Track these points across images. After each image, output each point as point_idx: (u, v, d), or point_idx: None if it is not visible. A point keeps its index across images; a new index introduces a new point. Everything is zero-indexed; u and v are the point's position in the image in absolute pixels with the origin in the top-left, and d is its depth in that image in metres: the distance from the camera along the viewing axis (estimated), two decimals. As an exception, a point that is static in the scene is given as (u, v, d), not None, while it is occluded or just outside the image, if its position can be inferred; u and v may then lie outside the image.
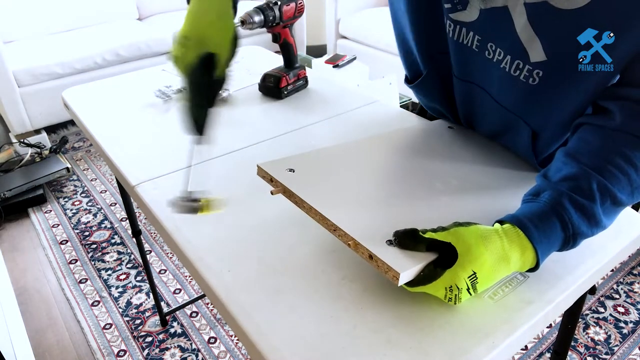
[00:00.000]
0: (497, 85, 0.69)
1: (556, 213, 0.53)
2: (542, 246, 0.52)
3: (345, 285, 0.57)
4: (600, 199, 0.54)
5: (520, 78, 0.64)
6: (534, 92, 0.64)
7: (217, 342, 1.54)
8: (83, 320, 1.62)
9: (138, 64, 2.74)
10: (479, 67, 0.70)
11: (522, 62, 0.63)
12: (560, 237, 0.53)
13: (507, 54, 0.64)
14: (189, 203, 0.66)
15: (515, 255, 0.51)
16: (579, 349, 1.47)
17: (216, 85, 0.65)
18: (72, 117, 1.08)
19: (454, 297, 0.50)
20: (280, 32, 1.04)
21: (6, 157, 2.36)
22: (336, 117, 0.97)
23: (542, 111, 0.67)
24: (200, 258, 0.62)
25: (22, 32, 2.74)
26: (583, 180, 0.54)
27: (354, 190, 0.63)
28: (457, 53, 0.71)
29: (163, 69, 1.25)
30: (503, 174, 0.73)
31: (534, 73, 0.62)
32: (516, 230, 0.52)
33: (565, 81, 0.61)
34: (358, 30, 3.04)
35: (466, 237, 0.51)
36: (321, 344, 0.50)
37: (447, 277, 0.50)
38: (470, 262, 0.49)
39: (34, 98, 2.50)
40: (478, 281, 0.50)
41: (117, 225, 2.07)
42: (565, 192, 0.54)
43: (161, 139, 0.91)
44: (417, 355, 0.48)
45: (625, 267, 1.77)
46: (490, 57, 0.66)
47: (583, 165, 0.56)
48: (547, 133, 0.69)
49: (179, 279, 1.79)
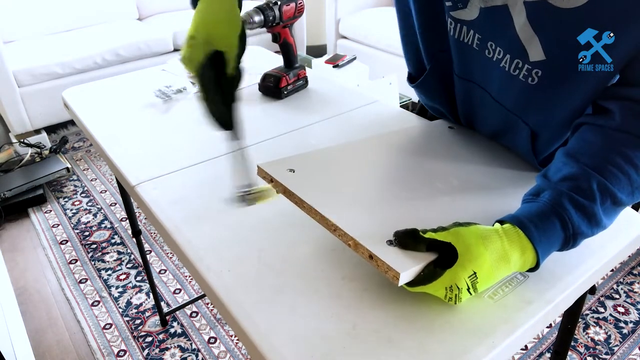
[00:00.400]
0: (497, 84, 0.69)
1: (556, 213, 0.53)
2: (542, 246, 0.52)
3: (345, 285, 0.57)
4: (600, 198, 0.53)
5: (520, 77, 0.64)
6: (533, 92, 0.64)
7: (217, 342, 1.54)
8: (83, 320, 1.62)
9: (138, 64, 2.74)
10: (479, 65, 0.70)
11: (522, 61, 0.63)
12: (560, 237, 0.53)
13: (507, 53, 0.64)
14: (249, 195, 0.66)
15: (515, 255, 0.51)
16: (579, 349, 1.47)
17: (231, 82, 0.65)
18: (72, 117, 1.08)
19: (454, 297, 0.50)
20: (280, 32, 1.04)
21: (6, 157, 2.36)
22: (336, 117, 0.97)
23: (541, 111, 0.67)
24: (201, 258, 0.62)
25: (22, 32, 2.74)
26: (583, 180, 0.54)
27: (354, 190, 0.63)
28: (458, 51, 0.72)
29: (163, 69, 1.25)
30: (503, 174, 0.73)
31: (533, 72, 0.62)
32: (516, 230, 0.52)
33: (565, 81, 0.61)
34: (358, 30, 3.04)
35: (466, 237, 0.51)
36: (321, 343, 0.50)
37: (447, 277, 0.50)
38: (470, 262, 0.49)
39: (34, 98, 2.50)
40: (478, 281, 0.50)
41: (117, 225, 2.07)
42: (566, 192, 0.54)
43: (161, 139, 0.91)
44: (417, 355, 0.48)
45: (625, 267, 1.77)
46: (490, 56, 0.66)
47: (583, 165, 0.56)
48: (546, 133, 0.69)
49: (179, 279, 1.79)
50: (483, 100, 0.73)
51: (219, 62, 0.63)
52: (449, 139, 0.82)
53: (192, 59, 0.63)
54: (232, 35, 0.63)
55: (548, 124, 0.68)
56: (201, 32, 0.62)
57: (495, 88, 0.70)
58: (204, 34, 0.62)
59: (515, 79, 0.65)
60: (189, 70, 0.63)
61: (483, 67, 0.69)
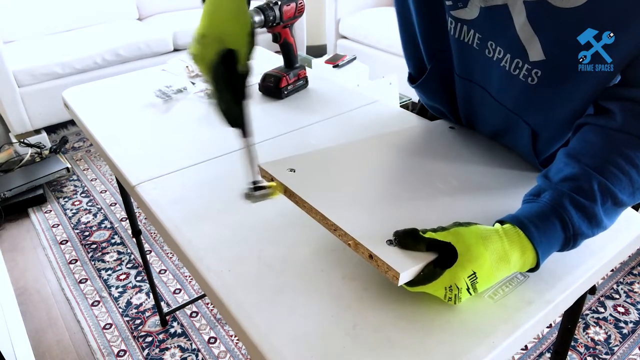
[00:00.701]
0: (497, 84, 0.69)
1: (557, 214, 0.53)
2: (542, 246, 0.52)
3: (345, 284, 0.57)
4: (601, 199, 0.53)
5: (520, 77, 0.64)
6: (533, 92, 0.64)
7: (217, 342, 1.54)
8: (83, 320, 1.62)
9: (138, 64, 2.74)
10: (479, 65, 0.70)
11: (522, 61, 0.63)
12: (560, 237, 0.53)
13: (507, 53, 0.64)
14: (260, 191, 0.66)
15: (515, 256, 0.51)
16: (579, 349, 1.47)
17: (241, 79, 0.65)
18: (72, 117, 1.08)
19: (453, 297, 0.50)
20: (280, 32, 1.04)
21: (6, 157, 2.36)
22: (336, 117, 0.98)
23: (541, 111, 0.67)
24: (201, 258, 0.62)
25: (22, 32, 2.74)
26: (584, 180, 0.54)
27: (354, 190, 0.63)
28: (459, 51, 0.72)
29: (163, 69, 1.25)
30: (503, 175, 0.73)
31: (533, 72, 0.62)
32: (516, 231, 0.52)
33: (565, 81, 0.61)
34: (358, 30, 3.04)
35: (466, 237, 0.51)
36: (321, 343, 0.50)
37: (446, 276, 0.50)
38: (470, 262, 0.49)
39: (34, 98, 2.50)
40: (478, 281, 0.50)
41: (117, 225, 2.07)
42: (566, 193, 0.54)
43: (161, 139, 0.92)
44: (417, 355, 0.48)
45: (625, 267, 1.77)
46: (490, 56, 0.66)
47: (584, 165, 0.56)
48: (547, 133, 0.69)
49: (179, 279, 1.79)
50: (483, 99, 0.73)
51: (230, 60, 0.63)
52: (450, 139, 0.82)
53: (204, 57, 0.62)
54: (243, 33, 0.63)
55: (549, 123, 0.68)
56: (212, 30, 0.62)
57: (495, 87, 0.70)
58: (215, 32, 0.62)
59: (516, 78, 0.65)
60: (201, 68, 0.64)
61: (483, 66, 0.69)
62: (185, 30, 2.86)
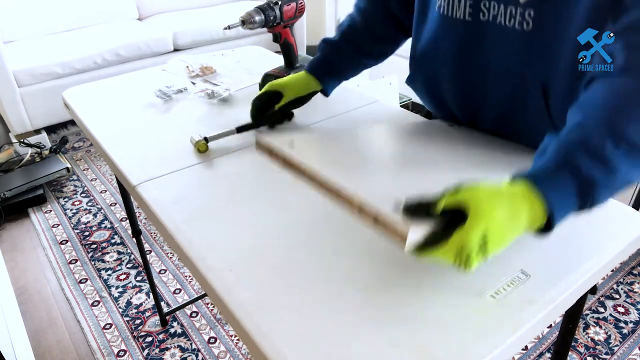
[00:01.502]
0: (498, 48, 0.70)
1: (565, 161, 0.51)
2: (553, 198, 0.50)
3: (346, 284, 0.57)
4: (612, 142, 0.50)
5: (516, 27, 0.65)
6: (532, 39, 0.65)
7: (217, 342, 1.54)
8: (83, 320, 1.62)
9: (138, 64, 2.74)
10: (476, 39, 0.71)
11: (514, 7, 0.64)
12: (572, 186, 0.50)
13: (500, 3, 0.66)
14: None
15: (525, 211, 0.49)
16: (579, 349, 1.47)
17: (274, 116, 0.91)
18: (72, 117, 1.08)
19: (464, 261, 0.48)
20: (280, 32, 1.04)
21: (6, 157, 2.36)
22: (336, 117, 0.98)
23: (544, 59, 0.66)
24: (202, 258, 0.62)
25: (22, 32, 2.74)
26: (590, 126, 0.52)
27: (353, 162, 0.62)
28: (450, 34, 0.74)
29: (163, 69, 1.25)
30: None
31: (526, 14, 0.64)
32: (523, 184, 0.50)
33: (559, 17, 0.61)
34: (358, 31, 3.03)
35: (475, 195, 0.49)
36: (323, 343, 0.50)
37: (456, 237, 0.48)
38: (482, 218, 0.48)
39: (34, 98, 2.50)
40: (489, 240, 0.48)
41: (117, 225, 2.07)
42: (573, 140, 0.51)
43: (161, 139, 0.92)
44: (417, 355, 0.48)
45: (625, 267, 1.77)
46: (486, 19, 0.68)
47: (588, 113, 0.54)
48: (557, 85, 0.68)
49: (179, 279, 1.79)
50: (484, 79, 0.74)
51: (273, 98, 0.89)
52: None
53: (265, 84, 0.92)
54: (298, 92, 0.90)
55: (554, 72, 0.67)
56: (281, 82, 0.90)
57: (496, 56, 0.71)
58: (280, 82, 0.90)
59: (512, 31, 0.66)
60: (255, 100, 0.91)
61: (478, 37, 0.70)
62: (185, 30, 2.86)
